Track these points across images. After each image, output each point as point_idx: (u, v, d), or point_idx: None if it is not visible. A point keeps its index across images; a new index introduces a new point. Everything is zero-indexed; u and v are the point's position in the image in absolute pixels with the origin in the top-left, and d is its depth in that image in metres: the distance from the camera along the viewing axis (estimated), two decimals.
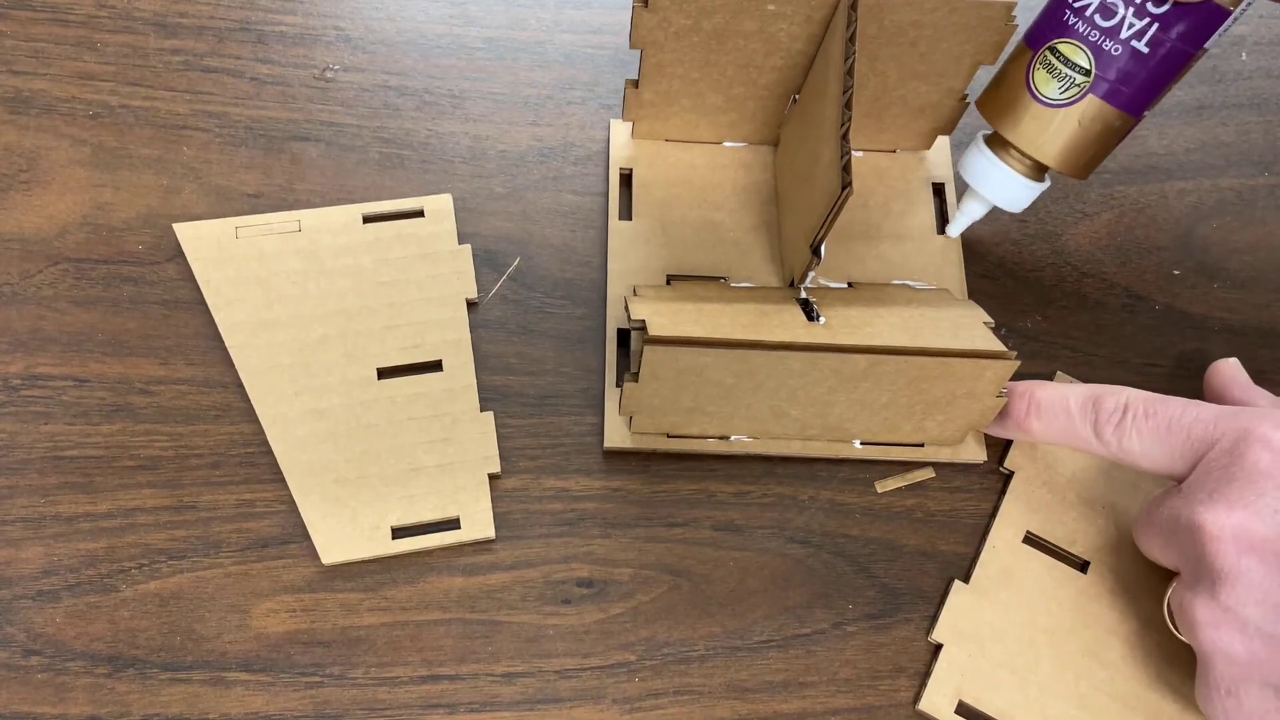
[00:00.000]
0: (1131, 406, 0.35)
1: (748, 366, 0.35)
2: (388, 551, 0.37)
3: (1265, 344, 0.43)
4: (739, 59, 0.39)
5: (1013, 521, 0.39)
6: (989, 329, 0.37)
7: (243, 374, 0.39)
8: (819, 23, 0.37)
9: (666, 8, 0.37)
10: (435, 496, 0.38)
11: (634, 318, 0.36)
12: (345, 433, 0.39)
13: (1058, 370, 0.42)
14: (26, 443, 0.39)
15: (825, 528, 0.39)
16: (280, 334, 0.40)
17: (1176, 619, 0.34)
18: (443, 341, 0.40)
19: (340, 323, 0.40)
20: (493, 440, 0.39)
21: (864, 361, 0.34)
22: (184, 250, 0.41)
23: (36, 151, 0.44)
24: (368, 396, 0.39)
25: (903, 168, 0.45)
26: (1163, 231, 0.45)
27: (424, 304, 0.41)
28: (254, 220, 0.42)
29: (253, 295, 0.41)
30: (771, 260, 0.43)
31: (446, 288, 0.41)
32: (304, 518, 0.38)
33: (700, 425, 0.39)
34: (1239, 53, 0.49)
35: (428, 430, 0.39)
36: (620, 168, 0.44)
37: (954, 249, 0.43)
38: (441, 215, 0.43)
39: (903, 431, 0.39)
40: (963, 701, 0.36)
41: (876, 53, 0.39)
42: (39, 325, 0.41)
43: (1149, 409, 0.34)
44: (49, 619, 0.36)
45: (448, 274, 0.42)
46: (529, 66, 0.47)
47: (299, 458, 0.38)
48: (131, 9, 0.47)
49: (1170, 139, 0.47)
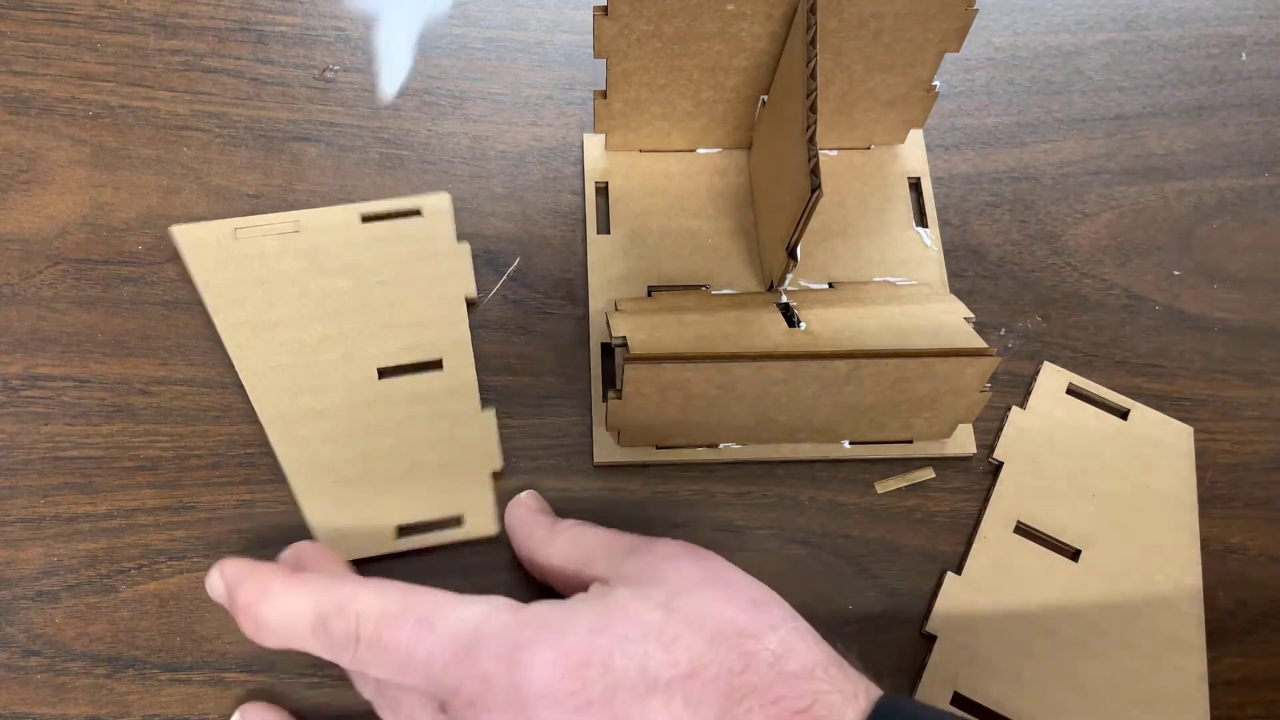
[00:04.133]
0: (364, 636, 0.28)
1: (730, 378, 0.35)
2: (392, 549, 0.37)
3: (1265, 344, 0.43)
4: (704, 62, 0.39)
5: (1003, 512, 0.39)
6: (969, 324, 0.37)
7: (243, 375, 0.39)
8: (780, 20, 0.37)
9: (626, 15, 0.37)
10: (438, 495, 0.38)
11: (615, 334, 0.36)
12: (347, 432, 0.39)
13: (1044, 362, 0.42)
14: (26, 443, 0.39)
15: (825, 528, 0.39)
16: (280, 334, 0.40)
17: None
18: (443, 340, 0.40)
19: (340, 322, 0.40)
20: (494, 438, 0.39)
21: (845, 366, 0.34)
22: (181, 254, 0.41)
23: (36, 152, 0.44)
24: (368, 396, 0.39)
25: (877, 163, 0.45)
26: (1163, 231, 0.45)
27: (423, 303, 0.41)
28: (252, 221, 0.42)
29: (252, 296, 0.41)
30: (751, 264, 0.43)
31: (446, 287, 0.41)
32: (307, 518, 0.37)
33: (688, 436, 0.39)
34: (1239, 53, 0.49)
35: (429, 429, 0.39)
36: (596, 181, 0.44)
37: (933, 242, 0.44)
38: (439, 214, 0.43)
39: (890, 430, 0.39)
40: (957, 692, 0.36)
41: (840, 47, 0.39)
42: (39, 326, 0.41)
43: (380, 640, 0.28)
44: (49, 619, 0.36)
45: (447, 273, 0.42)
46: (529, 67, 0.47)
47: (301, 458, 0.38)
48: (131, 9, 0.47)
49: (1170, 139, 0.47)
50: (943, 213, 0.45)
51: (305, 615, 0.29)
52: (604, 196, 0.44)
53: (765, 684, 0.27)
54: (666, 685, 0.27)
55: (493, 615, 0.29)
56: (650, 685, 0.27)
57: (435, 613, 0.29)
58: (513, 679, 0.27)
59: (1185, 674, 0.37)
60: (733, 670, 0.27)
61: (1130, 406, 0.41)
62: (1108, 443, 0.41)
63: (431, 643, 0.28)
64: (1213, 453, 0.41)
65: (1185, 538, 0.39)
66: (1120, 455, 0.40)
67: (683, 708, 0.26)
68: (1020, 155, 0.47)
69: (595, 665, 0.27)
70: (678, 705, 0.26)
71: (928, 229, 0.44)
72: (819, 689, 0.27)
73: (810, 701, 0.27)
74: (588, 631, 0.28)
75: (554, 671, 0.27)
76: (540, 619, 0.28)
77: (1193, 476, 0.40)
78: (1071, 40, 0.49)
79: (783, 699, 0.27)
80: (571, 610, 0.29)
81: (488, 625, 0.28)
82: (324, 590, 0.30)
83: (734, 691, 0.27)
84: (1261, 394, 0.42)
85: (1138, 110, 0.48)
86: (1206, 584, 0.39)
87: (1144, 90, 0.48)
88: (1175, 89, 0.49)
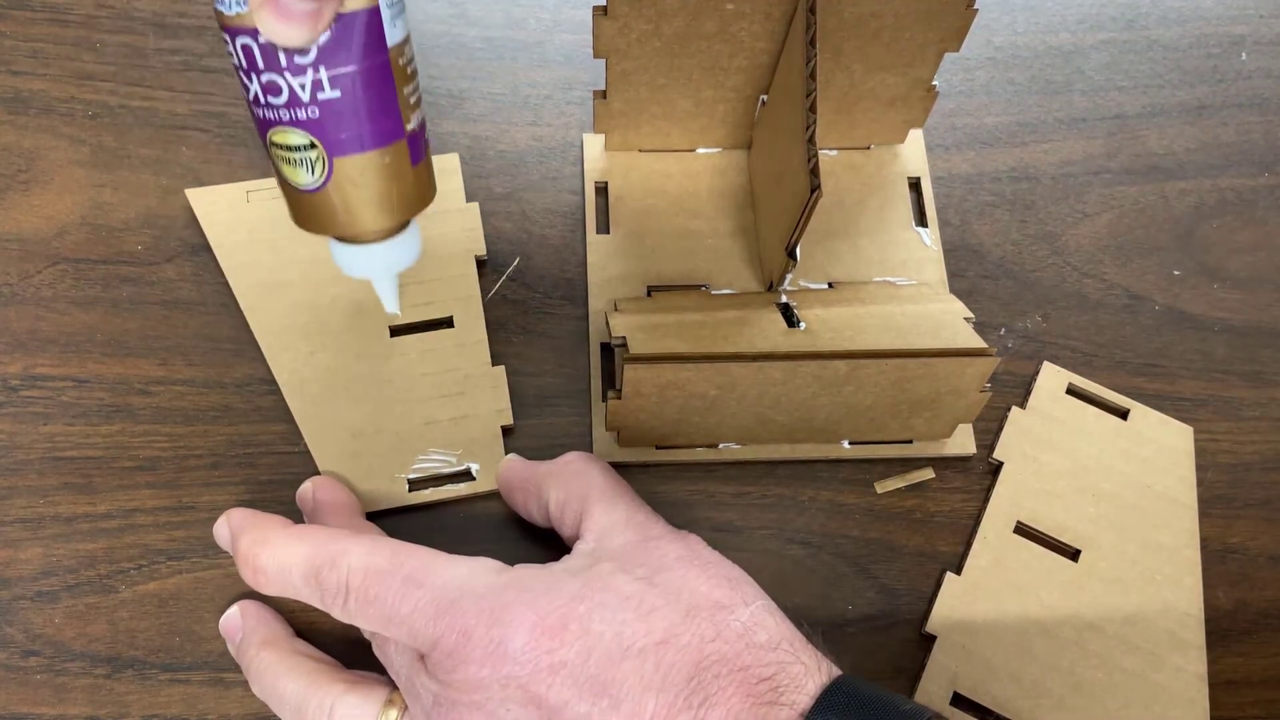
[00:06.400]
0: (353, 588, 0.30)
1: (729, 378, 0.35)
2: (404, 503, 0.38)
3: (1265, 344, 0.43)
4: (703, 61, 0.39)
5: (1003, 512, 0.39)
6: (969, 325, 0.37)
7: (258, 334, 0.40)
8: (779, 19, 0.37)
9: (626, 14, 0.37)
10: (449, 449, 0.39)
11: (615, 334, 0.36)
12: (360, 389, 0.39)
13: (1044, 362, 0.42)
14: (26, 443, 0.39)
15: (825, 528, 0.39)
16: (293, 294, 0.41)
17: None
18: (453, 298, 0.41)
19: (351, 282, 0.41)
20: (505, 393, 0.40)
21: (844, 366, 0.34)
22: (196, 214, 0.42)
23: (35, 152, 0.44)
24: (381, 353, 0.40)
25: (878, 163, 0.45)
26: (1163, 231, 0.45)
27: (433, 262, 0.41)
28: (264, 184, 0.43)
29: (265, 258, 0.41)
30: (751, 264, 0.43)
31: (455, 245, 0.42)
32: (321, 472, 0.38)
33: (687, 436, 0.39)
34: (1239, 53, 0.49)
35: (441, 385, 0.40)
36: (595, 181, 0.44)
37: (933, 242, 0.44)
38: (449, 174, 0.43)
39: (890, 430, 0.39)
40: (957, 692, 0.36)
41: (840, 47, 0.39)
42: (38, 326, 0.40)
43: (368, 593, 0.30)
44: (48, 619, 0.36)
45: (456, 232, 0.42)
46: (529, 66, 0.47)
47: (315, 414, 0.39)
48: (131, 9, 0.47)
49: (1170, 139, 0.47)
50: (942, 213, 0.45)
51: (300, 565, 0.31)
52: (604, 196, 0.44)
53: (734, 652, 0.28)
54: (640, 651, 0.28)
55: (478, 575, 0.30)
56: (624, 650, 0.28)
57: (422, 570, 0.30)
58: (491, 634, 0.28)
59: (1185, 674, 0.37)
60: (704, 638, 0.28)
61: (1130, 406, 0.41)
62: (1108, 443, 0.41)
63: (417, 598, 0.29)
64: (1213, 453, 0.41)
65: (1185, 538, 0.39)
66: (1120, 455, 0.40)
67: (654, 671, 0.27)
68: (1020, 155, 0.47)
69: (573, 628, 0.28)
70: (649, 669, 0.27)
71: (928, 229, 0.44)
72: (784, 659, 0.28)
73: (775, 670, 0.28)
74: (568, 598, 0.29)
75: (533, 631, 0.28)
76: (524, 581, 0.29)
77: (1193, 476, 0.40)
78: (1071, 40, 0.49)
79: (749, 667, 0.28)
80: (555, 577, 0.30)
81: (472, 584, 0.29)
82: (319, 543, 0.31)
83: (704, 659, 0.28)
84: (1261, 394, 0.42)
85: (1138, 110, 0.48)
86: (1206, 584, 0.39)
87: (1144, 90, 0.48)
88: (1175, 89, 0.49)
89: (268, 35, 0.26)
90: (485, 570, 0.30)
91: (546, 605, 0.28)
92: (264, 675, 0.33)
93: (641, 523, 0.32)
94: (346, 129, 0.28)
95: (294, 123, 0.28)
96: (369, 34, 0.27)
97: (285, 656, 0.33)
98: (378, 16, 0.27)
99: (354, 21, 0.27)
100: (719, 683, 0.27)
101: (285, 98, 0.27)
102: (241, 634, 0.35)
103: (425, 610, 0.29)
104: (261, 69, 0.27)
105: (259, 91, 0.28)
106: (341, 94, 0.28)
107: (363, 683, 0.32)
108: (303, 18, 0.25)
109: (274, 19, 0.25)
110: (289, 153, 0.29)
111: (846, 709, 0.27)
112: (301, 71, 0.27)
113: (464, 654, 0.28)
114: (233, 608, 0.35)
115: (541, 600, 0.29)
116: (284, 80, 0.27)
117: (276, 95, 0.28)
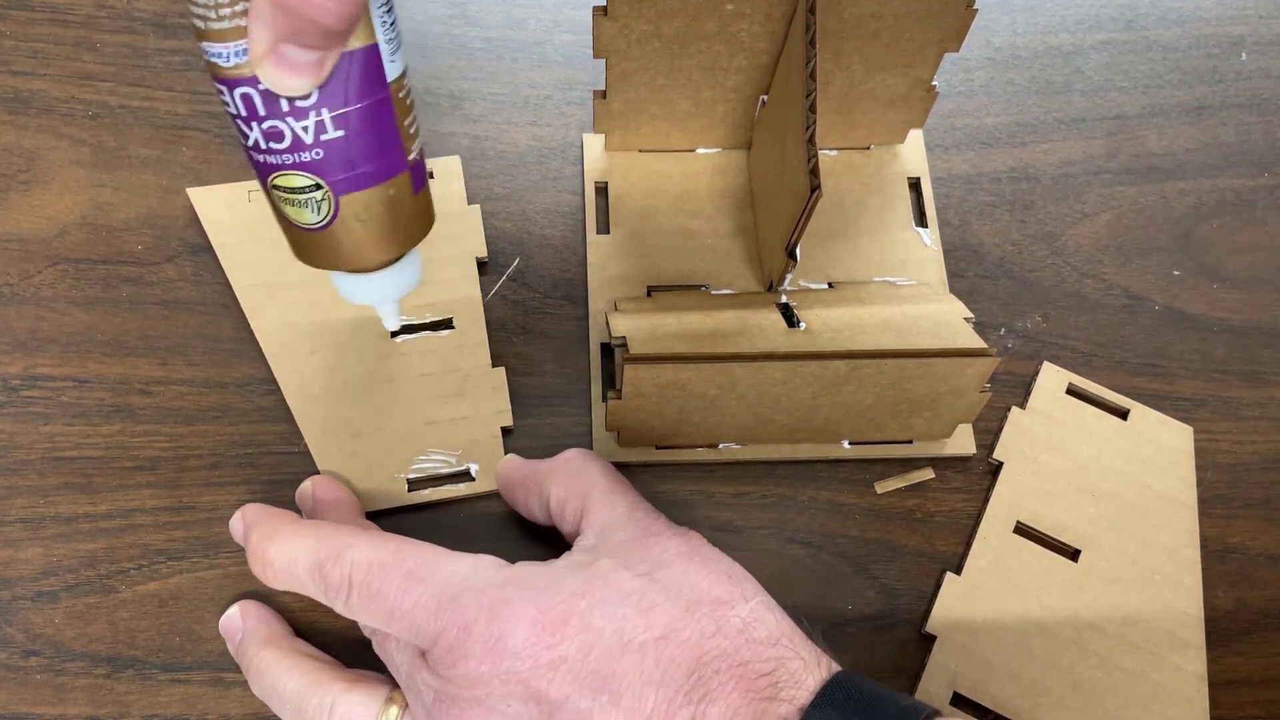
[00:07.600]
0: (356, 583, 0.30)
1: (729, 378, 0.35)
2: (403, 503, 0.38)
3: (1265, 344, 0.43)
4: (703, 62, 0.39)
5: (1003, 512, 0.39)
6: (969, 325, 0.37)
7: (258, 334, 0.40)
8: (779, 20, 0.37)
9: (626, 14, 0.37)
10: (449, 449, 0.39)
11: (615, 334, 0.36)
12: (360, 389, 0.40)
13: (1044, 362, 0.42)
14: (26, 443, 0.39)
15: (825, 528, 0.39)
16: (294, 294, 0.41)
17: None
18: (453, 300, 0.41)
19: None
20: (504, 394, 0.40)
21: (844, 366, 0.35)
22: (198, 213, 0.42)
23: (36, 152, 0.44)
24: (381, 353, 0.40)
25: (877, 163, 0.45)
26: (1163, 231, 0.45)
27: (434, 263, 0.41)
28: None
29: (266, 257, 0.41)
30: (751, 264, 0.43)
31: (456, 247, 0.42)
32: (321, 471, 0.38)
33: (687, 436, 0.39)
34: (1239, 53, 0.49)
35: (441, 385, 0.40)
36: (595, 181, 0.44)
37: (933, 242, 0.44)
38: (450, 177, 0.44)
39: (890, 430, 0.39)
40: (957, 692, 0.36)
41: (840, 47, 0.39)
42: (38, 326, 0.40)
43: (370, 588, 0.30)
44: (48, 619, 0.36)
45: (457, 234, 0.42)
46: (528, 67, 0.47)
47: (315, 415, 0.39)
48: (131, 9, 0.47)
49: (1170, 139, 0.47)
50: (942, 213, 0.45)
51: (305, 559, 0.31)
52: (603, 196, 0.44)
53: (734, 648, 0.28)
54: (640, 646, 0.28)
55: (479, 571, 0.30)
56: (624, 646, 0.28)
57: (424, 566, 0.30)
58: (492, 629, 0.28)
59: (1185, 674, 0.37)
60: (704, 634, 0.28)
61: (1130, 406, 0.41)
62: (1108, 443, 0.41)
63: (418, 593, 0.29)
64: (1213, 453, 0.41)
65: (1185, 538, 0.39)
66: (1120, 455, 0.40)
67: (654, 667, 0.27)
68: (1020, 155, 0.47)
69: (574, 624, 0.28)
70: (649, 664, 0.27)
71: (927, 229, 0.44)
72: (783, 655, 0.28)
73: (774, 666, 0.28)
74: (569, 594, 0.29)
75: (534, 626, 0.28)
76: (525, 578, 0.30)
77: (1193, 476, 0.40)
78: (1071, 40, 0.49)
79: (749, 662, 0.28)
80: (556, 573, 0.30)
81: (473, 580, 0.29)
82: (324, 537, 0.32)
83: (704, 654, 0.28)
84: (1261, 394, 0.42)
85: (1138, 110, 0.48)
86: (1206, 584, 0.39)
87: (1144, 90, 0.48)
88: (1175, 89, 0.49)
89: (270, 86, 0.25)
90: (487, 566, 0.30)
91: (547, 601, 0.29)
92: (264, 675, 0.33)
93: (642, 519, 0.32)
94: (351, 167, 0.28)
95: (298, 165, 0.28)
96: (369, 72, 0.27)
97: (285, 656, 0.33)
98: (376, 53, 0.27)
99: (354, 60, 0.27)
100: (719, 678, 0.27)
101: (288, 142, 0.27)
102: (241, 634, 0.35)
103: (426, 605, 0.29)
104: (263, 116, 0.27)
105: (259, 139, 0.27)
106: (345, 133, 0.28)
107: (363, 681, 0.32)
108: (306, 68, 0.25)
109: (276, 70, 0.25)
110: (293, 195, 0.29)
111: (846, 705, 0.27)
112: (304, 115, 0.27)
113: (465, 649, 0.28)
114: (232, 608, 0.35)
115: (542, 596, 0.29)
116: (286, 125, 0.27)
117: (279, 141, 0.27)
